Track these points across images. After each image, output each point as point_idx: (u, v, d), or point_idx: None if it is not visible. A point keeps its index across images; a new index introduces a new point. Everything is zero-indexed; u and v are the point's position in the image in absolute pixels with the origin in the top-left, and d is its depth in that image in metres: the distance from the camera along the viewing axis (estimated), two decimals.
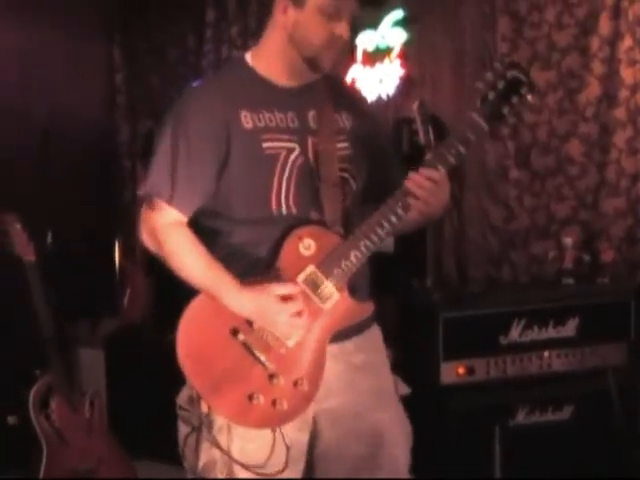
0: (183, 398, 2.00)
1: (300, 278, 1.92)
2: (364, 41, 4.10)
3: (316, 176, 1.98)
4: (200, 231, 2.00)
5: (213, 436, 1.94)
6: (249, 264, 1.96)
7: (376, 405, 2.04)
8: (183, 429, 2.01)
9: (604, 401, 2.96)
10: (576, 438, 2.97)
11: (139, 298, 4.13)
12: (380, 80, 4.06)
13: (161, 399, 2.15)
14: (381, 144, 2.17)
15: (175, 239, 1.96)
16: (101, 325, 4.28)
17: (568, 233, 3.50)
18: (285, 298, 1.89)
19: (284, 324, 1.89)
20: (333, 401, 2.00)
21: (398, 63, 4.02)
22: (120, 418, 3.75)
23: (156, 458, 3.57)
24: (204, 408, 1.94)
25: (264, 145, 1.96)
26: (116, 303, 4.25)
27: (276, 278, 1.92)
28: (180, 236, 1.97)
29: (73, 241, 4.26)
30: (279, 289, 1.89)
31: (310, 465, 2.06)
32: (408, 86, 4.01)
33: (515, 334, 3.00)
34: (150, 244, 2.00)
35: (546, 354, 3.01)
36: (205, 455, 1.97)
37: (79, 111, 4.51)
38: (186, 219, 1.99)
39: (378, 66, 4.07)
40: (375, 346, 2.11)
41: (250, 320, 1.91)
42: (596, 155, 3.53)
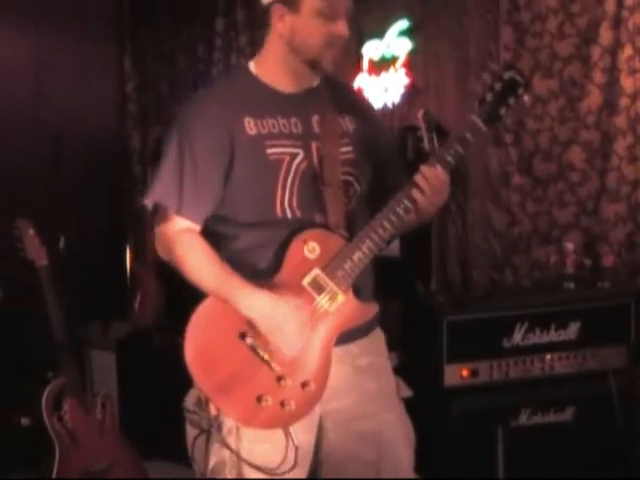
0: (191, 401, 2.01)
1: (305, 281, 1.94)
2: (370, 50, 4.11)
3: (320, 180, 1.99)
4: (206, 235, 2.02)
5: (222, 438, 1.95)
6: (255, 267, 1.98)
7: (381, 407, 2.07)
8: (191, 432, 2.02)
9: (605, 402, 2.97)
10: (577, 438, 2.98)
11: (150, 302, 4.13)
12: (386, 89, 4.07)
13: (171, 400, 2.15)
14: (384, 146, 2.18)
15: (186, 243, 1.98)
16: (113, 328, 4.30)
17: (569, 238, 3.51)
18: (297, 308, 1.91)
19: (292, 332, 1.90)
20: (339, 402, 2.02)
21: (403, 72, 4.04)
22: (131, 419, 3.77)
23: (167, 458, 3.59)
24: (213, 411, 1.95)
25: (268, 151, 1.97)
26: (127, 307, 4.26)
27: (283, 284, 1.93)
28: (191, 240, 1.99)
29: (85, 246, 4.25)
30: (296, 300, 1.91)
31: (316, 466, 2.07)
32: (413, 94, 4.02)
33: (518, 337, 3.01)
34: (162, 252, 2.03)
35: (548, 357, 3.02)
36: (215, 456, 1.98)
37: (91, 118, 4.54)
38: (198, 227, 2.01)
39: (384, 75, 4.09)
40: (379, 349, 2.13)
41: (254, 322, 1.91)
42: (597, 162, 3.54)
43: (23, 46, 4.33)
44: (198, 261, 1.98)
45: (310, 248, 1.95)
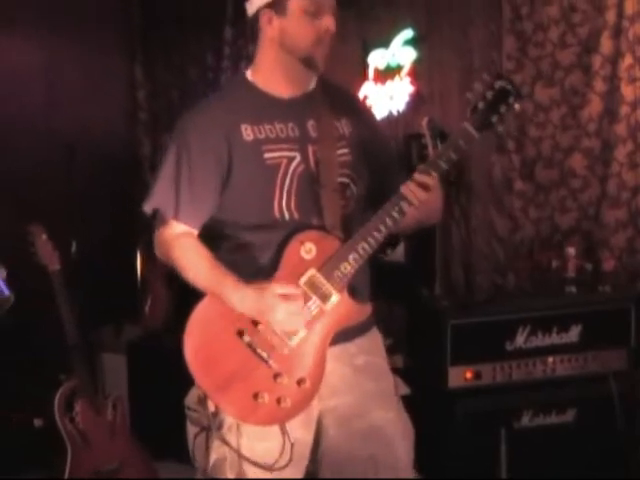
0: (192, 399, 2.04)
1: (302, 281, 1.97)
2: (376, 59, 4.16)
3: (317, 182, 2.02)
4: (205, 237, 2.06)
5: (222, 435, 1.98)
6: (254, 268, 2.01)
7: (379, 405, 2.09)
8: (192, 430, 2.05)
9: (605, 405, 3.00)
10: (578, 440, 3.01)
11: (160, 306, 4.13)
12: (391, 97, 4.11)
13: (181, 402, 2.16)
14: (381, 148, 2.20)
15: (182, 246, 2.03)
16: (124, 331, 4.30)
17: (571, 243, 3.54)
18: (285, 297, 1.92)
19: (281, 322, 1.93)
20: (338, 400, 2.06)
21: (408, 80, 4.08)
22: (142, 420, 3.76)
23: (177, 459, 3.49)
24: (212, 408, 1.98)
25: (265, 155, 2.01)
26: (138, 310, 4.26)
27: (277, 280, 1.96)
28: (187, 243, 2.04)
29: (96, 250, 4.25)
30: (279, 288, 1.93)
31: (315, 463, 2.09)
32: (417, 102, 4.06)
33: (520, 340, 3.03)
34: (161, 255, 2.08)
35: (550, 359, 3.05)
36: (215, 453, 2.01)
37: (102, 126, 4.54)
38: (196, 231, 2.06)
39: (389, 83, 4.13)
40: (376, 348, 2.16)
41: (251, 318, 1.95)
42: (598, 169, 3.57)
43: (35, 56, 4.35)
44: (193, 262, 2.02)
45: (307, 249, 1.98)
